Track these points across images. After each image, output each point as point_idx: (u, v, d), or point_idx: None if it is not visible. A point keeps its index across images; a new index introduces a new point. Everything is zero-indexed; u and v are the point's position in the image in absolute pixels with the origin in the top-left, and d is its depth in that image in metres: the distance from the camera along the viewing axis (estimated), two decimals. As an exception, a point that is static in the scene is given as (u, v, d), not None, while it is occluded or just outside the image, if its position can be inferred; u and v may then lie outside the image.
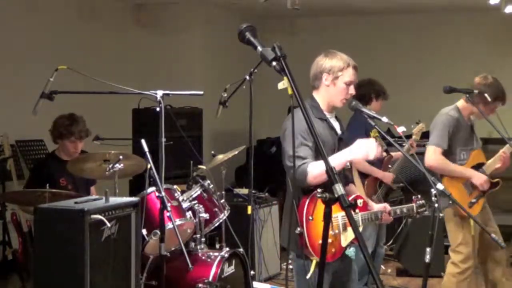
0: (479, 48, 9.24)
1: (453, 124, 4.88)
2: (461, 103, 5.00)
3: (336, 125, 3.81)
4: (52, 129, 5.21)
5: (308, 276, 3.54)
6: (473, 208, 4.83)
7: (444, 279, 5.07)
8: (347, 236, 3.66)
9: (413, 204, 4.03)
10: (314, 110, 3.68)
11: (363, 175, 5.66)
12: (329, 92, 3.72)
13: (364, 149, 3.51)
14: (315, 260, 3.54)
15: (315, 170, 3.46)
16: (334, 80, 3.70)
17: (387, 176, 5.70)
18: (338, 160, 3.52)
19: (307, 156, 3.52)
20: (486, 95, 4.83)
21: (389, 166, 5.79)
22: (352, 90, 3.73)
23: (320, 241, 3.44)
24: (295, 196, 3.51)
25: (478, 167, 4.97)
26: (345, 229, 3.65)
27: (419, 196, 4.06)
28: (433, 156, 4.81)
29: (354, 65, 3.73)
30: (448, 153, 4.89)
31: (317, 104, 3.73)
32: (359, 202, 3.80)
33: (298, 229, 3.48)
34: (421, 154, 5.05)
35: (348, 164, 3.67)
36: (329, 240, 3.49)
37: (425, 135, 5.35)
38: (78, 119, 5.18)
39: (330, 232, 3.49)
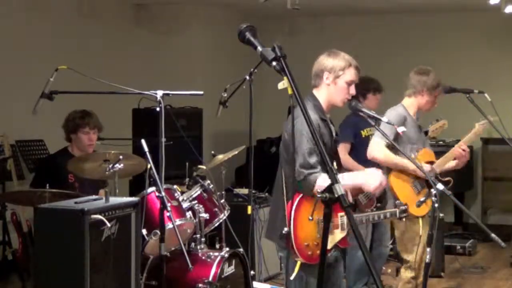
0: (478, 48, 9.24)
1: (400, 121, 4.72)
2: (406, 101, 4.89)
3: (332, 127, 3.82)
4: (65, 124, 5.16)
5: (292, 277, 3.54)
6: (421, 208, 4.67)
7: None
8: (333, 239, 3.61)
9: (396, 210, 4.02)
10: (317, 110, 3.69)
11: None
12: (329, 91, 3.73)
13: (377, 181, 3.62)
14: (299, 261, 3.53)
15: (323, 184, 3.47)
16: (335, 79, 3.71)
17: None
18: (349, 180, 3.60)
19: (317, 166, 3.54)
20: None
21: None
22: (353, 90, 3.74)
23: (306, 243, 3.47)
24: (288, 195, 3.52)
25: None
26: (331, 232, 3.62)
27: (401, 201, 4.05)
28: (377, 148, 4.68)
29: (356, 65, 3.74)
30: (395, 149, 4.80)
31: (319, 103, 3.73)
32: None
33: (285, 229, 3.47)
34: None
35: (335, 166, 3.67)
36: (315, 243, 3.48)
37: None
38: (90, 112, 5.20)
39: (317, 235, 3.48)
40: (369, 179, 3.62)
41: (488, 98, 4.86)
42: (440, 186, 3.72)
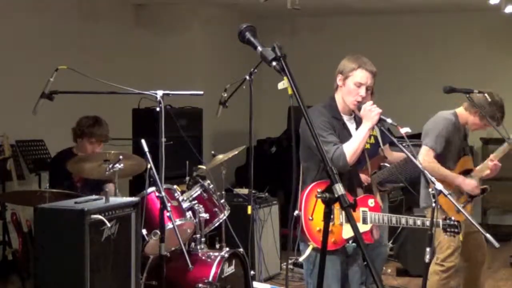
0: (479, 48, 9.24)
1: (451, 128, 4.82)
2: (460, 110, 4.95)
3: (352, 127, 3.83)
4: (75, 127, 5.16)
5: (301, 259, 3.60)
6: (460, 214, 4.73)
7: (429, 279, 4.92)
8: (350, 230, 3.64)
9: (440, 220, 3.92)
10: (330, 109, 3.77)
11: None
12: (342, 93, 3.80)
13: (373, 111, 3.64)
14: (311, 245, 3.59)
15: (350, 149, 3.61)
16: (344, 80, 3.76)
17: None
18: (360, 134, 3.66)
19: (336, 142, 3.64)
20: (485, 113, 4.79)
21: (383, 164, 5.73)
22: (362, 92, 3.71)
23: (318, 228, 3.49)
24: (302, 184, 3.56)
25: (466, 173, 4.95)
26: (347, 221, 3.65)
27: (452, 217, 4.01)
28: (426, 157, 4.74)
29: (371, 70, 3.74)
30: (441, 158, 4.84)
31: (335, 104, 3.80)
32: (370, 202, 3.80)
33: (296, 211, 3.51)
34: None
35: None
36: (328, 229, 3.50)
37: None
38: (102, 122, 5.15)
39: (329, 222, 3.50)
40: (370, 118, 3.67)
41: (488, 98, 4.85)
42: (438, 186, 3.72)
